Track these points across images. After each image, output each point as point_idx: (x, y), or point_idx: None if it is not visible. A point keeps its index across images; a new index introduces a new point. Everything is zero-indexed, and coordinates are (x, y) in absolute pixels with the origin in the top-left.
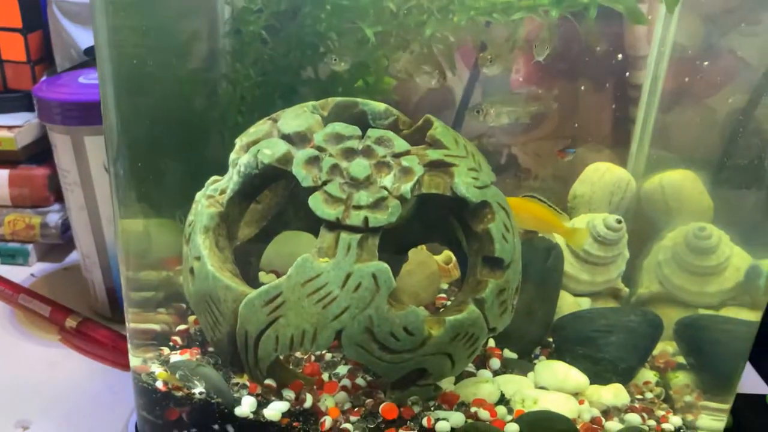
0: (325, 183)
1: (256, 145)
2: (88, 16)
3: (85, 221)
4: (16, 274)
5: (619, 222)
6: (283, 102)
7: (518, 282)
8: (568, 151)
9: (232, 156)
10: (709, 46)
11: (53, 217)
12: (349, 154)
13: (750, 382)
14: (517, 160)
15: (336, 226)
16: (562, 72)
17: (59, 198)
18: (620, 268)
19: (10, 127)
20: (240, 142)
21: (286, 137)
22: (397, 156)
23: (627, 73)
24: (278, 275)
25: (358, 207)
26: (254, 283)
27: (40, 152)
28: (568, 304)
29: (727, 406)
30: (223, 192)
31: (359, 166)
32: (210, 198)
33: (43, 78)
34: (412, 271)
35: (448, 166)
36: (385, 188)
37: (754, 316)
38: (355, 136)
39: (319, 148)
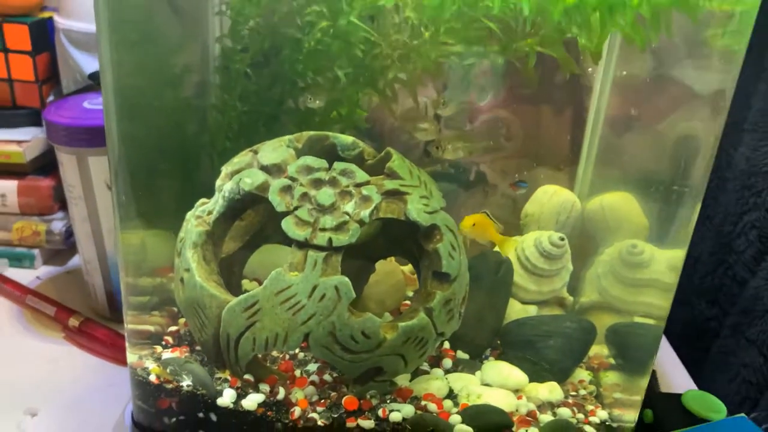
0: (296, 208)
1: (239, 174)
2: (93, 43)
3: (88, 231)
4: (24, 276)
5: (562, 239)
6: (266, 129)
7: (465, 293)
8: (520, 185)
9: (218, 182)
10: (655, 76)
11: (57, 225)
12: (317, 183)
13: (680, 381)
14: (485, 177)
15: (304, 245)
16: (523, 98)
17: (63, 207)
18: (564, 280)
19: (19, 142)
20: (225, 170)
21: (264, 168)
22: (358, 185)
23: (584, 99)
24: (260, 283)
25: (324, 229)
26: (237, 290)
27: (46, 165)
28: (516, 310)
29: (639, 398)
30: (210, 213)
31: (325, 194)
32: (198, 218)
33: (50, 97)
34: (380, 281)
35: (403, 194)
36: (347, 213)
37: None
38: (322, 168)
39: (292, 178)
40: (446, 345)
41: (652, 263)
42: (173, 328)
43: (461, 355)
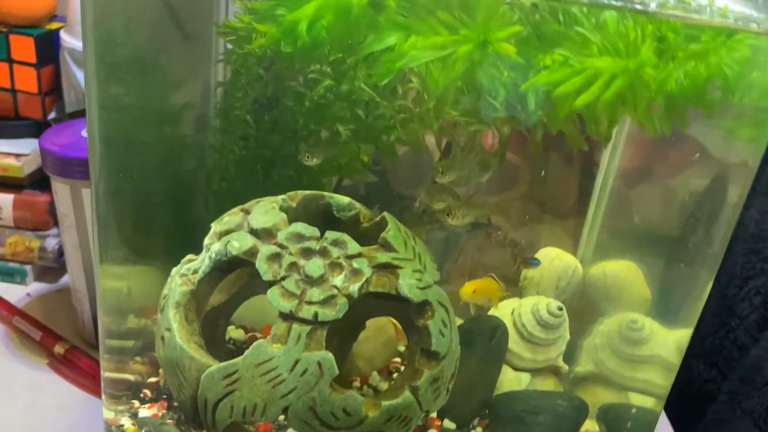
0: (283, 278)
1: (228, 236)
2: None
3: (78, 259)
4: (14, 292)
5: (560, 309)
6: (263, 173)
7: (454, 369)
8: (531, 263)
9: (207, 241)
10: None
11: (51, 242)
12: (307, 253)
13: None
14: (489, 219)
15: (289, 317)
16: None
17: (57, 223)
18: (560, 349)
19: (17, 155)
20: (214, 228)
21: (253, 231)
22: (349, 257)
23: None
24: (246, 330)
25: (310, 302)
26: (222, 343)
27: (43, 179)
28: (509, 378)
29: None
30: (195, 272)
31: (314, 266)
32: (183, 276)
33: (52, 113)
34: (369, 337)
35: (395, 268)
36: (336, 287)
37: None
38: (314, 237)
39: (281, 246)
40: (433, 414)
41: (651, 339)
42: (153, 380)
43: (448, 424)
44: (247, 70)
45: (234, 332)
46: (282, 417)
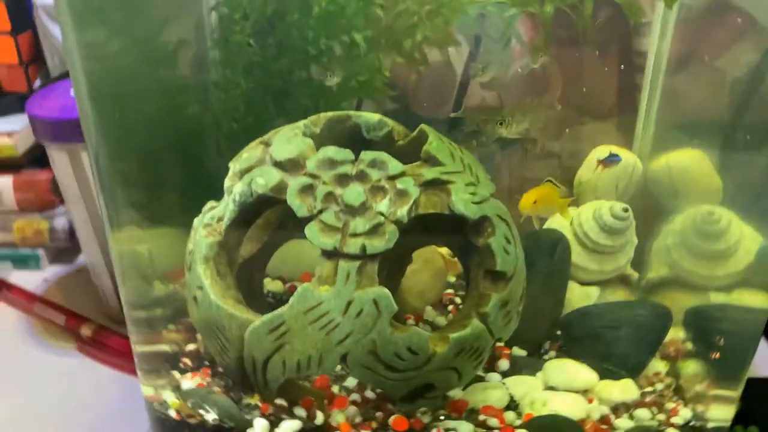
0: (320, 212)
1: (250, 174)
2: None
3: (90, 233)
4: (30, 279)
5: (626, 211)
6: (275, 106)
7: (522, 289)
8: (612, 160)
9: (227, 183)
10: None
11: (60, 221)
12: (343, 179)
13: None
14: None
15: (334, 254)
16: (563, 40)
17: (63, 200)
18: (629, 255)
19: (9, 134)
20: (233, 167)
21: (278, 164)
22: (391, 178)
23: (632, 40)
24: (284, 281)
25: (355, 234)
26: (260, 297)
27: (41, 155)
28: (576, 295)
29: (737, 394)
30: (220, 220)
31: (354, 193)
32: (207, 226)
33: (37, 81)
34: (417, 270)
35: (445, 184)
36: (381, 213)
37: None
38: (348, 160)
39: (312, 176)
40: (501, 342)
41: (730, 230)
42: (191, 347)
43: (518, 351)
44: None
45: (271, 285)
46: (340, 366)
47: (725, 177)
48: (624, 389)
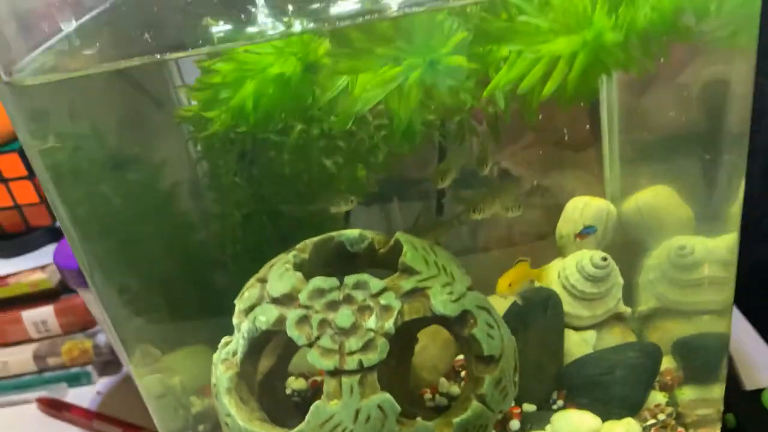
0: (317, 338)
1: (253, 312)
2: None
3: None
4: (84, 395)
5: (605, 259)
6: (272, 225)
7: (514, 362)
8: (587, 232)
9: (235, 320)
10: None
11: (101, 338)
12: (333, 305)
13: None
14: (509, 173)
15: (336, 372)
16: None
17: None
18: (617, 297)
19: (42, 268)
20: (238, 306)
21: (275, 300)
22: (375, 296)
23: None
24: (305, 378)
25: (351, 353)
26: (285, 402)
27: None
28: (574, 342)
29: (717, 410)
30: (235, 353)
31: (344, 316)
32: (225, 361)
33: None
34: (426, 346)
35: (423, 290)
36: (371, 330)
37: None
38: (334, 287)
39: (306, 306)
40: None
41: (704, 258)
42: None
43: (528, 407)
44: (215, 147)
45: (295, 383)
46: None
47: (694, 205)
48: (626, 428)
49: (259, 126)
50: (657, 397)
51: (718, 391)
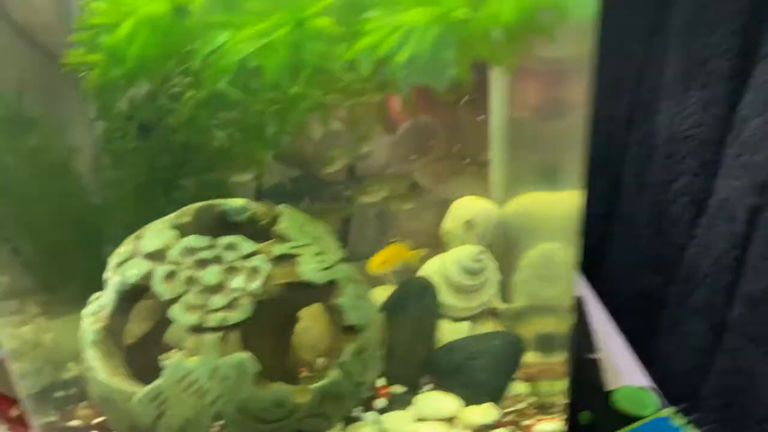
0: (183, 293)
1: (123, 266)
2: None
3: None
4: None
5: (481, 253)
6: (165, 197)
7: (380, 336)
8: None
9: (106, 275)
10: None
11: None
12: (202, 263)
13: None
14: (417, 185)
15: (198, 329)
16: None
17: None
18: (490, 291)
19: None
20: (112, 261)
21: (148, 255)
22: (245, 258)
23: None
24: None
25: (215, 310)
26: (156, 369)
27: None
28: (448, 332)
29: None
30: (104, 307)
31: (211, 274)
32: (93, 315)
33: None
34: (308, 327)
35: (294, 257)
36: (236, 289)
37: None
38: (205, 246)
39: (175, 262)
40: (379, 382)
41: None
42: (98, 420)
43: (398, 389)
44: (110, 99)
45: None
46: (221, 424)
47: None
48: (484, 413)
49: (136, 71)
50: (519, 387)
51: (561, 383)
